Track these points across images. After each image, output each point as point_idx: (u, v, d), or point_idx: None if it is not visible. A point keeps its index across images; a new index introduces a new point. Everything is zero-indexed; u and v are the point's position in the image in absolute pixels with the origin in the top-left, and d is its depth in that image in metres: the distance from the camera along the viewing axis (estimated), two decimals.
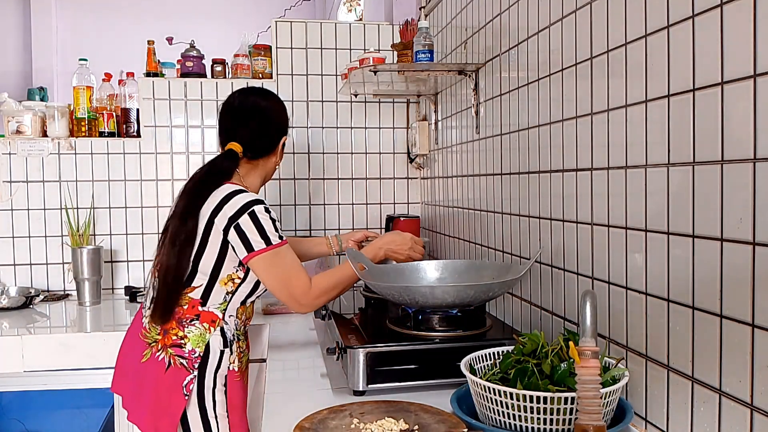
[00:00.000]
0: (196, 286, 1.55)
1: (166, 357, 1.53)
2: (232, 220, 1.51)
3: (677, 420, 1.02)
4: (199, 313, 1.55)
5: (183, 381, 1.52)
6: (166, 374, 1.52)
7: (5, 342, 2.01)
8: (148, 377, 1.54)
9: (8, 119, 2.61)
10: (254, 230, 1.51)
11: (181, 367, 1.52)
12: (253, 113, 1.70)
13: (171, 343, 1.53)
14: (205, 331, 1.55)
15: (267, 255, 1.52)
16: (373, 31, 2.84)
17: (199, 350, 1.53)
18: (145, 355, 1.56)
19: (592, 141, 1.27)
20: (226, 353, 1.57)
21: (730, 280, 0.90)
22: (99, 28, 6.47)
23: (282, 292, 1.56)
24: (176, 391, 1.51)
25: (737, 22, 0.87)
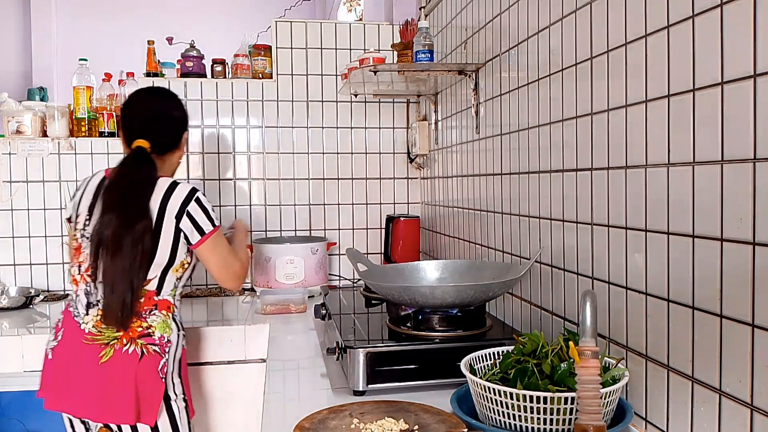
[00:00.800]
0: (151, 278, 1.66)
1: (137, 348, 1.60)
2: (182, 207, 1.66)
3: (677, 420, 1.02)
4: (156, 303, 1.66)
5: (158, 366, 1.61)
6: (141, 363, 1.60)
7: (5, 342, 2.01)
8: (119, 373, 1.58)
9: (8, 119, 2.61)
10: (202, 215, 1.69)
11: (155, 354, 1.62)
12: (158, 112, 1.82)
13: (138, 335, 1.62)
14: (165, 317, 1.67)
15: (214, 237, 1.72)
16: (373, 31, 2.84)
17: (167, 335, 1.65)
18: (104, 356, 1.58)
19: (592, 141, 1.27)
20: (181, 335, 1.71)
21: (730, 280, 0.90)
22: (99, 28, 6.47)
23: (226, 270, 1.77)
24: (154, 376, 1.61)
25: (737, 22, 0.87)
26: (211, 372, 2.06)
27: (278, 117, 2.80)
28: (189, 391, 1.76)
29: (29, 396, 2.16)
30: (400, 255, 2.66)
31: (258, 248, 2.54)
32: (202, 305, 2.45)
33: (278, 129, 2.81)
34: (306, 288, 2.46)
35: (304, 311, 2.27)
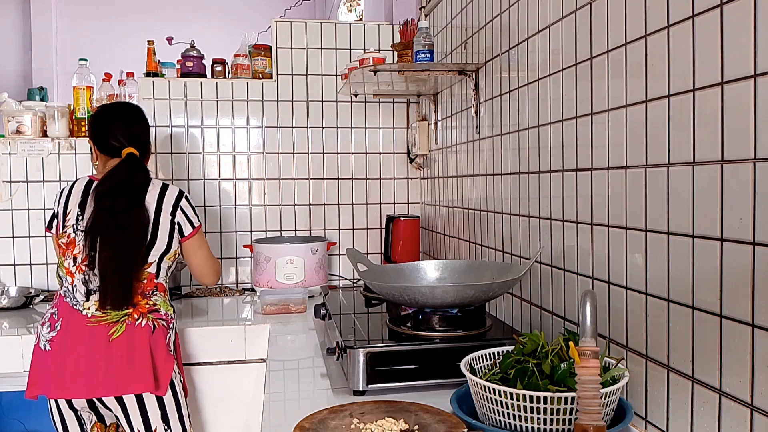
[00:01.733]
0: (152, 262, 1.81)
1: (149, 321, 1.74)
2: (176, 203, 1.86)
3: (677, 420, 1.02)
4: (156, 285, 1.82)
5: (166, 338, 1.76)
6: (154, 335, 1.74)
7: (5, 342, 2.01)
8: (136, 344, 1.69)
9: (8, 119, 2.61)
10: (191, 211, 1.90)
11: (164, 327, 1.77)
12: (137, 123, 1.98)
13: (148, 310, 1.76)
14: (165, 298, 1.83)
15: (200, 232, 1.94)
16: (373, 31, 2.84)
17: (170, 313, 1.82)
18: (115, 332, 1.69)
19: (592, 141, 1.27)
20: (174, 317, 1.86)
21: (730, 280, 0.90)
22: (99, 28, 6.48)
23: (208, 265, 1.98)
24: (164, 349, 1.74)
25: (737, 22, 0.87)
26: (211, 372, 2.06)
27: (278, 117, 2.80)
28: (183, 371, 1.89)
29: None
30: (400, 255, 2.66)
31: (258, 248, 2.54)
32: (202, 305, 2.45)
33: (278, 129, 2.81)
34: (306, 288, 2.46)
35: (304, 311, 2.27)
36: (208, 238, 2.73)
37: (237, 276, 2.80)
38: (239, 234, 2.79)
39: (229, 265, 2.79)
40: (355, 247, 2.80)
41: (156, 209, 1.83)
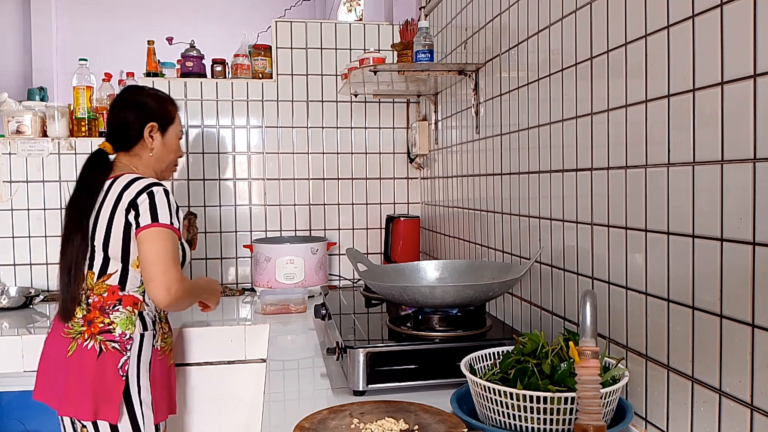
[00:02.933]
0: (112, 273, 1.65)
1: (96, 344, 1.60)
2: (134, 199, 1.62)
3: (677, 420, 1.02)
4: (120, 297, 1.64)
5: (118, 363, 1.60)
6: (99, 360, 1.59)
7: (5, 342, 2.01)
8: (79, 368, 1.60)
9: (8, 119, 2.61)
10: (147, 208, 1.62)
11: (114, 351, 1.61)
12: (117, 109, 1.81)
13: (99, 331, 1.61)
14: (130, 314, 1.64)
15: (154, 230, 1.60)
16: (373, 31, 2.84)
17: (130, 332, 1.63)
18: (70, 350, 1.61)
19: (592, 141, 1.27)
20: (147, 336, 1.66)
21: (730, 280, 0.90)
22: (99, 28, 6.47)
23: (157, 271, 1.59)
24: (113, 374, 1.59)
25: (737, 22, 0.87)
26: (212, 372, 2.06)
27: (278, 117, 2.80)
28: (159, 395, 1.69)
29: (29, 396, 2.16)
30: (400, 255, 2.66)
31: (258, 248, 2.54)
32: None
33: (278, 129, 2.81)
34: (306, 288, 2.46)
35: (304, 311, 2.27)
36: (208, 238, 2.74)
37: (237, 276, 2.80)
38: (239, 234, 2.79)
39: (229, 265, 2.79)
40: (355, 247, 2.80)
41: (111, 210, 1.64)
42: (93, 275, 1.66)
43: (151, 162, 1.81)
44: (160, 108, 1.83)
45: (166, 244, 1.61)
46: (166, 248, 1.61)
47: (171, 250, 1.61)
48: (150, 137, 1.79)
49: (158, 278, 1.58)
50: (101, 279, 1.65)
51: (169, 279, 1.59)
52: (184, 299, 1.66)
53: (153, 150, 1.80)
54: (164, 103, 1.85)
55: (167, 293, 1.59)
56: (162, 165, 1.84)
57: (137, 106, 1.80)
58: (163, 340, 1.74)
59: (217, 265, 2.78)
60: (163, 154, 1.83)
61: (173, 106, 1.88)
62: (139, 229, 1.61)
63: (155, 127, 1.79)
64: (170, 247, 1.62)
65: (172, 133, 1.85)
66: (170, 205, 1.65)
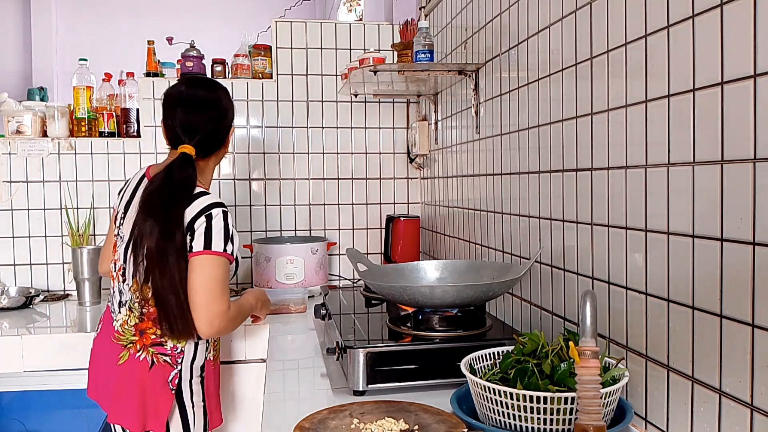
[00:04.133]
0: None
1: (148, 356, 1.56)
2: (190, 221, 1.53)
3: (677, 420, 1.02)
4: None
5: (168, 377, 1.57)
6: (151, 373, 1.56)
7: (5, 342, 2.01)
8: (130, 378, 1.56)
9: (8, 119, 2.61)
10: (203, 232, 1.52)
11: (165, 364, 1.57)
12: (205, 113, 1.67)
13: (151, 342, 1.57)
14: None
15: (204, 258, 1.51)
16: (373, 31, 2.84)
17: (181, 346, 1.58)
18: (121, 357, 1.57)
19: (592, 141, 1.27)
20: (201, 345, 1.62)
21: (730, 280, 0.90)
22: (99, 28, 6.47)
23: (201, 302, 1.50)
24: (163, 387, 1.56)
25: (737, 22, 0.87)
26: None
27: (278, 117, 2.80)
28: (214, 405, 1.68)
29: (29, 396, 2.17)
30: (400, 255, 2.66)
31: (258, 248, 2.54)
32: None
33: (278, 129, 2.81)
34: (306, 288, 2.46)
35: (304, 311, 2.27)
36: None
37: (237, 276, 2.80)
38: (239, 234, 2.79)
39: None
40: (355, 247, 2.80)
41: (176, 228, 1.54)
42: (149, 289, 1.54)
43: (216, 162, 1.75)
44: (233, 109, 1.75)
45: (214, 274, 1.52)
46: (214, 278, 1.51)
47: (219, 280, 1.52)
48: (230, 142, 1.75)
49: (201, 310, 1.50)
50: None
51: (211, 312, 1.50)
52: (226, 330, 1.58)
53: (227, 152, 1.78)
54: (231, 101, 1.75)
55: (209, 326, 1.52)
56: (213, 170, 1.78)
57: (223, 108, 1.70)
58: (215, 349, 1.69)
59: None
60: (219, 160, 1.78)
61: None
62: (191, 255, 1.52)
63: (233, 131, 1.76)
64: (218, 276, 1.52)
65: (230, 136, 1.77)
66: (226, 228, 1.56)
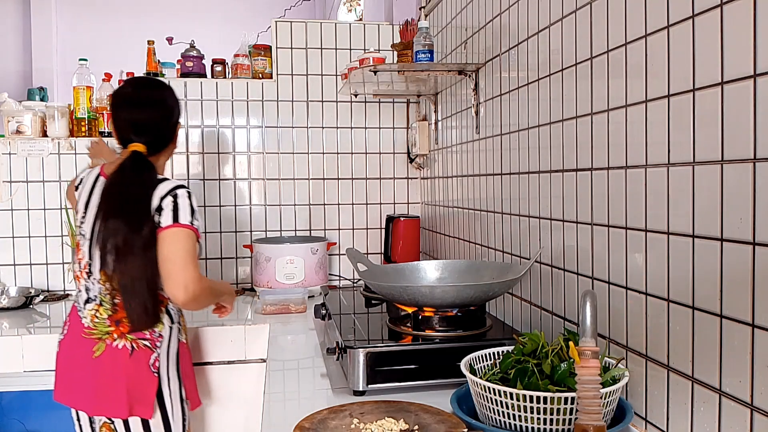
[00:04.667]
0: None
1: (127, 343, 1.62)
2: (158, 203, 1.62)
3: (677, 420, 1.02)
4: None
5: (149, 360, 1.63)
6: (132, 358, 1.62)
7: (5, 342, 2.01)
8: (112, 367, 1.60)
9: (8, 119, 2.61)
10: (170, 209, 1.62)
11: (146, 348, 1.64)
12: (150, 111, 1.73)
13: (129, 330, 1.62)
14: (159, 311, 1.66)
15: (174, 230, 1.61)
16: (373, 31, 2.84)
17: (158, 330, 1.66)
18: (97, 350, 1.62)
19: (592, 141, 1.27)
20: (174, 329, 1.71)
21: (730, 280, 0.90)
22: (99, 28, 6.47)
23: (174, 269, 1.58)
24: (146, 371, 1.62)
25: (737, 22, 0.87)
26: (211, 372, 2.06)
27: (278, 117, 2.80)
28: (192, 385, 1.77)
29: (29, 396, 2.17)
30: (400, 255, 2.66)
31: (258, 248, 2.54)
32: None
33: (278, 129, 2.81)
34: (306, 288, 2.46)
35: (304, 311, 2.27)
36: (208, 238, 2.74)
37: (237, 276, 2.80)
38: (239, 234, 2.79)
39: (229, 265, 2.79)
40: (355, 247, 2.80)
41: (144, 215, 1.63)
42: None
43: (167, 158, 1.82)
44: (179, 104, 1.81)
45: (184, 244, 1.61)
46: (185, 248, 1.61)
47: (189, 250, 1.62)
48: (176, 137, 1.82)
49: (175, 276, 1.58)
50: None
51: (186, 277, 1.58)
52: (201, 297, 1.64)
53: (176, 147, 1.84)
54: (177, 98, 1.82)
55: (184, 291, 1.58)
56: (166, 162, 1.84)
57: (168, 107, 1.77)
58: (184, 331, 1.79)
59: (217, 265, 2.78)
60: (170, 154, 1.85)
61: None
62: (160, 229, 1.60)
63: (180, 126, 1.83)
64: (189, 246, 1.62)
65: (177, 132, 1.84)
66: (192, 206, 1.66)
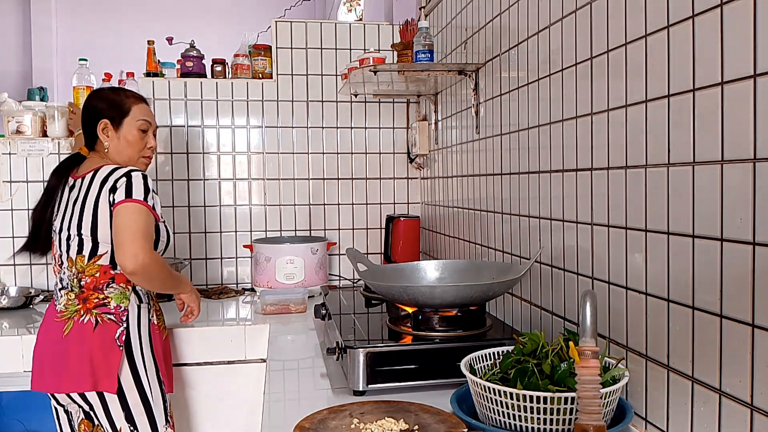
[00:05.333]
0: (102, 254, 1.71)
1: (92, 318, 1.68)
2: (113, 184, 1.70)
3: (677, 420, 1.02)
4: (112, 275, 1.72)
5: (114, 334, 1.67)
6: (96, 332, 1.66)
7: (5, 342, 2.01)
8: (78, 343, 1.65)
9: (8, 119, 2.61)
10: (124, 188, 1.68)
11: (110, 322, 1.68)
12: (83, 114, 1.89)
13: (95, 305, 1.69)
14: (124, 289, 1.72)
15: (126, 205, 1.67)
16: (373, 31, 2.84)
17: (124, 305, 1.71)
18: (66, 329, 1.68)
19: (592, 141, 1.27)
20: (143, 308, 1.75)
21: (730, 280, 0.90)
22: (99, 29, 6.47)
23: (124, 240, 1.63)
24: (110, 344, 1.66)
25: (737, 22, 0.87)
26: (211, 372, 2.06)
27: (278, 117, 2.80)
28: (166, 368, 1.81)
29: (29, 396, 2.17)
30: (400, 255, 2.66)
31: (258, 248, 2.54)
32: (202, 305, 2.44)
33: (278, 129, 2.81)
34: (306, 288, 2.46)
35: (304, 311, 2.27)
36: (208, 238, 2.74)
37: (237, 276, 2.80)
38: (239, 234, 2.79)
39: (229, 265, 2.79)
40: (355, 247, 2.80)
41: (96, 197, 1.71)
42: (83, 258, 1.71)
43: (114, 156, 1.84)
44: (111, 105, 1.85)
45: (136, 217, 1.66)
46: (137, 221, 1.65)
47: (141, 224, 1.66)
48: (104, 134, 1.84)
49: (125, 246, 1.63)
50: (92, 260, 1.70)
51: (135, 247, 1.62)
52: (152, 268, 1.65)
53: (107, 147, 1.84)
54: (116, 99, 1.87)
55: (134, 260, 1.61)
56: (124, 158, 1.85)
57: (87, 110, 1.87)
58: (158, 317, 1.83)
59: (217, 265, 2.78)
60: (121, 148, 1.85)
61: (131, 100, 1.89)
62: (113, 205, 1.68)
63: (107, 124, 1.84)
64: (141, 220, 1.66)
65: (128, 127, 1.85)
66: (146, 186, 1.71)
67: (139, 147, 1.88)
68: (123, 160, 1.84)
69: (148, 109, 1.93)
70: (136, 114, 1.87)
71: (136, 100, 1.90)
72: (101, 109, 1.86)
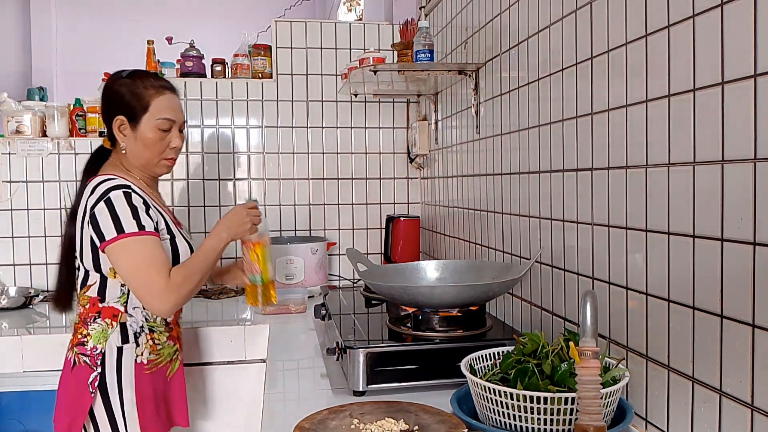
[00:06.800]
0: (91, 284, 1.55)
1: (72, 356, 1.55)
2: (91, 212, 1.48)
3: (677, 420, 1.02)
4: (99, 309, 1.54)
5: (88, 378, 1.51)
6: (72, 373, 1.54)
7: (5, 342, 2.01)
8: (61, 379, 1.57)
9: (8, 119, 2.61)
10: (108, 218, 1.45)
11: (85, 365, 1.52)
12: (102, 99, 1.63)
13: (77, 342, 1.55)
14: (106, 327, 1.53)
15: (121, 243, 1.44)
16: (373, 31, 2.84)
17: (101, 347, 1.52)
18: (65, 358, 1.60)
19: (592, 141, 1.27)
20: (126, 349, 1.53)
21: (730, 280, 0.90)
22: (99, 28, 6.46)
23: (138, 287, 1.47)
24: (82, 389, 1.51)
25: (737, 22, 0.87)
26: (211, 372, 2.06)
27: (278, 117, 2.80)
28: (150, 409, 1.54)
29: (29, 396, 2.16)
30: (400, 255, 2.66)
31: None
32: (202, 305, 2.44)
33: (278, 129, 2.81)
34: (306, 288, 2.46)
35: (304, 311, 2.27)
36: None
37: None
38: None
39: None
40: (355, 247, 2.80)
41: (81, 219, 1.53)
42: (78, 286, 1.59)
43: (131, 159, 1.60)
44: (130, 96, 1.56)
45: (136, 256, 1.46)
46: (143, 258, 1.46)
47: (146, 259, 1.46)
48: (121, 133, 1.58)
49: (142, 295, 1.48)
50: (83, 290, 1.57)
51: (151, 292, 1.46)
52: (184, 297, 1.50)
53: (125, 148, 1.59)
54: (136, 90, 1.57)
55: (159, 305, 1.47)
56: (141, 161, 1.60)
57: (107, 98, 1.60)
58: (155, 352, 1.57)
59: (217, 266, 2.78)
60: (138, 151, 1.58)
61: (150, 91, 1.58)
62: (104, 244, 1.46)
63: (124, 121, 1.57)
64: (145, 255, 1.46)
65: (146, 125, 1.57)
66: (131, 206, 1.48)
67: (159, 149, 1.59)
68: (140, 164, 1.61)
69: (173, 102, 1.62)
70: (156, 110, 1.57)
71: (158, 91, 1.58)
72: (119, 100, 1.57)
